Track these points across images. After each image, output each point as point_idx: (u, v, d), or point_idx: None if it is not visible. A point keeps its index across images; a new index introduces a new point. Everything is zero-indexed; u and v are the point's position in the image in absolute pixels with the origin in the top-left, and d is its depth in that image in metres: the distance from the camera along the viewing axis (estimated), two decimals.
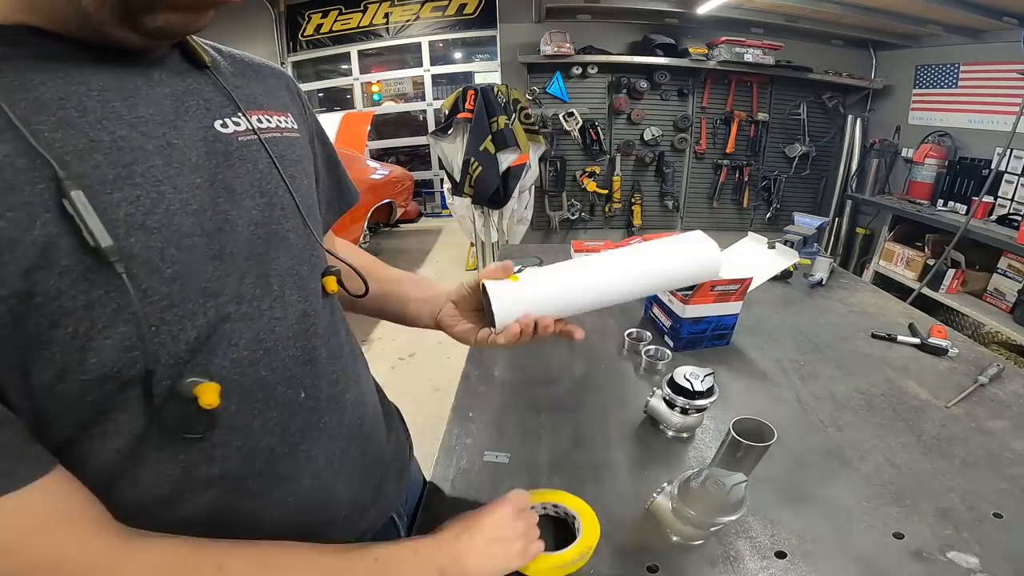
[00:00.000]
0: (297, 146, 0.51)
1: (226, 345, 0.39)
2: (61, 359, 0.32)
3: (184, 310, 0.36)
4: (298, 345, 0.46)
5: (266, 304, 0.43)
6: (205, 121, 0.41)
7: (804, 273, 1.45)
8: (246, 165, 0.43)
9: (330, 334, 0.51)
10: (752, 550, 0.59)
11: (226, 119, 0.43)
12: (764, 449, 0.57)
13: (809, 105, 3.70)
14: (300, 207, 0.47)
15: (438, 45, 5.15)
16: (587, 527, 0.59)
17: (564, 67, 3.58)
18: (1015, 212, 2.55)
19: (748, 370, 0.99)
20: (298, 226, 0.47)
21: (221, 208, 0.40)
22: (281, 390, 0.44)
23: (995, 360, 1.00)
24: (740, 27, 3.50)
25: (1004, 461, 0.73)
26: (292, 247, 0.46)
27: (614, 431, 0.81)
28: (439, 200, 5.76)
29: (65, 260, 0.31)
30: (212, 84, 0.44)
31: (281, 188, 0.45)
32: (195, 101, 0.41)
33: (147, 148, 0.36)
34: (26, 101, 0.31)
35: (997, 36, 2.70)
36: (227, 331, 0.39)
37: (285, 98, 0.53)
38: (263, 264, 0.43)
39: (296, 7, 4.94)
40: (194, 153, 0.39)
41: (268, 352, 0.43)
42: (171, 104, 0.39)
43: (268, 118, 0.48)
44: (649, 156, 3.84)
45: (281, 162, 0.46)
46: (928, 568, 0.57)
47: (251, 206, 0.42)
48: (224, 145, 0.42)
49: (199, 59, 0.44)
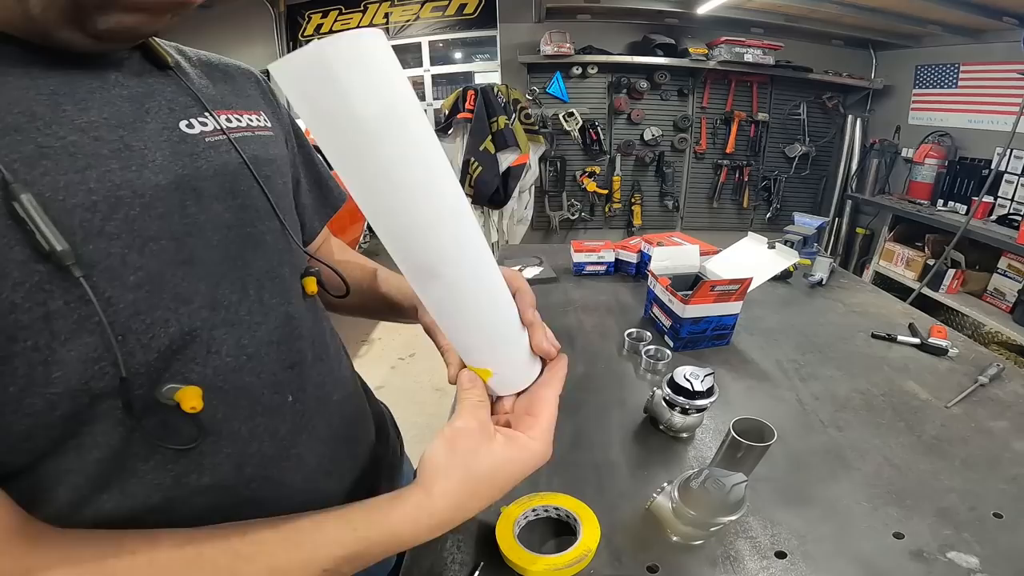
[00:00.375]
0: (271, 144, 0.49)
1: (205, 352, 0.38)
2: (24, 373, 0.30)
3: (153, 317, 0.35)
4: (282, 349, 0.45)
5: (244, 309, 0.42)
6: (169, 122, 0.40)
7: (804, 273, 1.45)
8: (214, 166, 0.41)
9: (314, 336, 0.50)
10: (752, 550, 0.59)
11: (192, 119, 0.42)
12: (764, 449, 0.57)
13: (809, 105, 3.69)
14: (275, 207, 0.46)
15: (438, 45, 5.14)
16: (587, 529, 0.59)
17: (564, 67, 3.58)
18: (1015, 212, 2.55)
19: (748, 370, 0.99)
20: (275, 227, 0.46)
21: (189, 211, 0.38)
22: (268, 395, 0.43)
23: (995, 360, 1.00)
24: (740, 27, 3.50)
25: (1004, 461, 0.73)
26: (269, 249, 0.45)
27: (614, 431, 0.80)
28: None
29: (17, 272, 0.29)
30: (176, 85, 0.43)
31: (255, 189, 0.44)
32: (157, 102, 0.40)
33: (102, 152, 0.34)
34: None
35: (997, 36, 2.70)
36: (205, 338, 0.38)
37: (256, 96, 0.52)
38: (238, 268, 0.42)
39: (296, 7, 4.94)
40: (158, 155, 0.38)
41: (251, 357, 0.42)
42: (130, 106, 0.38)
43: (238, 117, 0.46)
44: (649, 156, 3.84)
45: (254, 162, 0.45)
46: (928, 568, 0.57)
47: (221, 209, 0.41)
48: (190, 146, 0.40)
49: (161, 60, 0.42)
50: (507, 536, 0.57)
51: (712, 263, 1.22)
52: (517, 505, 0.62)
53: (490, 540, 0.58)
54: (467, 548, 0.59)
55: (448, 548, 0.59)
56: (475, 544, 0.60)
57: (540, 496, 0.64)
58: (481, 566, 0.56)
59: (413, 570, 0.57)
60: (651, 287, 1.16)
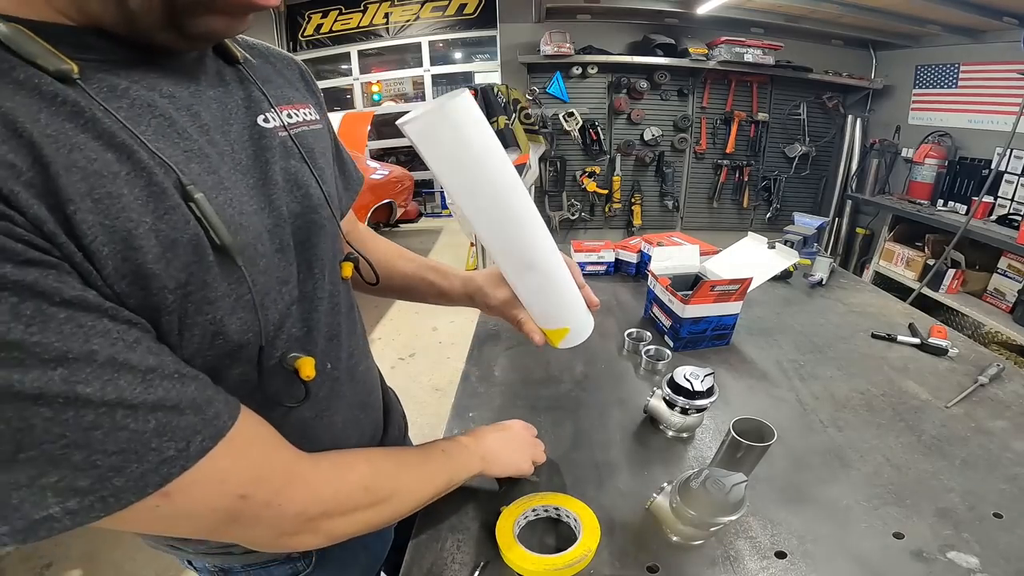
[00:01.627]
0: (321, 138, 0.53)
1: (289, 326, 0.45)
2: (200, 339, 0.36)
3: (271, 298, 0.42)
4: (327, 322, 0.51)
5: (309, 287, 0.48)
6: (248, 120, 0.43)
7: (804, 273, 1.45)
8: (285, 160, 0.45)
9: (348, 311, 0.56)
10: (752, 550, 0.59)
11: (266, 114, 0.45)
12: (764, 449, 0.57)
13: (809, 105, 3.69)
14: (327, 197, 0.50)
15: (438, 45, 5.15)
16: (587, 529, 0.59)
17: (564, 67, 3.58)
18: (1015, 212, 2.55)
19: (748, 370, 0.99)
20: (329, 215, 0.50)
21: (276, 205, 0.43)
22: (314, 364, 0.47)
23: (995, 360, 1.00)
24: (740, 27, 3.50)
25: (1004, 461, 0.73)
26: (328, 234, 0.50)
27: (614, 431, 0.80)
28: (439, 200, 5.76)
29: (210, 255, 0.35)
30: (246, 80, 0.45)
31: (312, 180, 0.48)
32: (235, 101, 0.43)
33: (218, 154, 0.39)
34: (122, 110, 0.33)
35: (997, 36, 2.70)
36: (292, 312, 0.45)
37: (303, 89, 0.55)
38: (307, 251, 0.47)
39: (296, 7, 4.94)
40: (243, 155, 0.42)
41: (310, 330, 0.48)
42: (218, 108, 0.41)
43: (296, 112, 0.50)
44: (649, 156, 3.84)
45: (311, 156, 0.49)
46: (928, 568, 0.57)
47: (292, 199, 0.46)
48: (269, 140, 0.44)
49: (231, 55, 0.45)
50: (507, 536, 0.58)
51: (712, 263, 1.22)
52: (517, 505, 0.62)
53: (490, 540, 0.58)
54: (467, 548, 0.59)
55: (448, 548, 0.59)
56: (475, 544, 0.60)
57: (540, 496, 0.64)
58: (481, 566, 0.56)
59: (413, 570, 0.57)
60: (651, 287, 1.16)
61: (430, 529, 0.62)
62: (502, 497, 0.66)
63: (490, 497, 0.67)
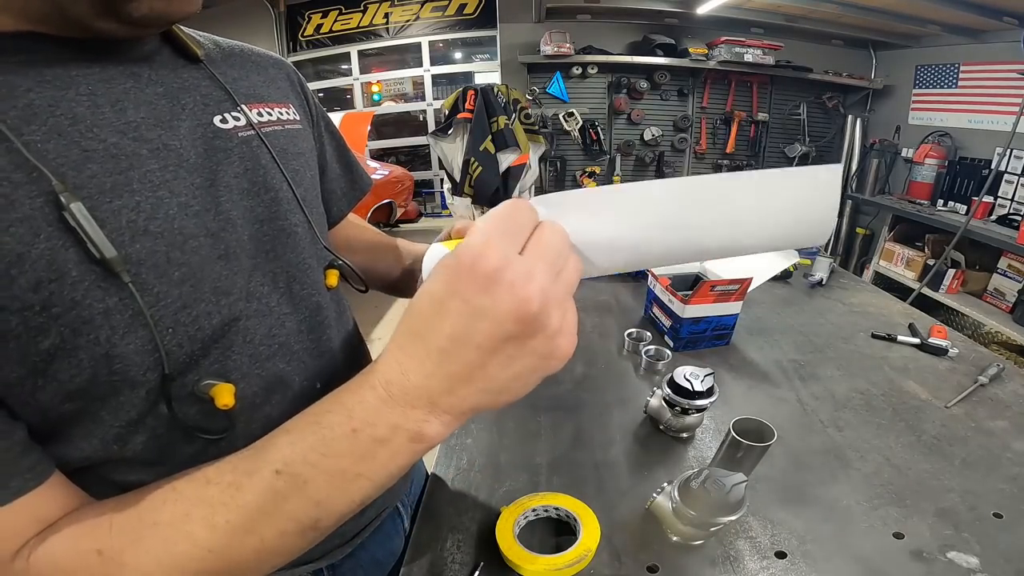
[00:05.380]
0: (299, 138, 0.50)
1: (242, 342, 0.40)
2: (89, 364, 0.32)
3: (198, 310, 0.37)
4: (311, 337, 0.47)
5: (274, 300, 0.43)
6: (203, 118, 0.41)
7: (804, 273, 1.45)
8: (246, 162, 0.42)
9: (340, 325, 0.52)
10: (752, 550, 0.59)
11: (225, 114, 0.42)
12: (764, 449, 0.57)
13: (809, 105, 3.70)
14: (302, 202, 0.47)
15: (438, 45, 5.14)
16: (587, 529, 0.59)
17: (564, 67, 3.59)
18: (1015, 212, 2.55)
19: (748, 370, 0.99)
20: (304, 220, 0.47)
21: (223, 208, 0.40)
22: (299, 382, 0.45)
23: (995, 360, 1.00)
24: (740, 27, 3.50)
25: (1004, 461, 0.73)
26: (300, 241, 0.47)
27: (614, 431, 0.80)
28: (439, 200, 5.75)
29: (75, 271, 0.31)
30: (208, 78, 0.43)
31: (284, 183, 0.45)
32: (191, 97, 0.40)
33: (141, 153, 0.35)
34: (15, 110, 0.31)
35: (997, 36, 2.70)
36: (242, 328, 0.40)
37: (286, 88, 0.53)
38: (270, 261, 0.43)
39: (296, 7, 4.94)
40: (192, 153, 0.38)
41: (282, 346, 0.44)
42: (166, 103, 0.38)
43: (268, 111, 0.47)
44: (649, 156, 3.84)
45: (283, 156, 0.46)
46: (928, 568, 0.57)
47: (255, 204, 0.42)
48: (224, 142, 0.41)
49: (191, 53, 0.42)
50: (507, 536, 0.58)
51: (712, 263, 1.22)
52: (517, 505, 0.62)
53: (490, 540, 0.58)
54: (467, 548, 0.59)
55: (448, 548, 0.59)
56: (475, 544, 0.60)
57: (540, 496, 0.64)
58: (481, 566, 0.56)
59: (413, 569, 0.57)
60: (651, 287, 1.16)
61: (430, 529, 0.62)
62: (502, 497, 0.66)
63: (490, 497, 0.67)
